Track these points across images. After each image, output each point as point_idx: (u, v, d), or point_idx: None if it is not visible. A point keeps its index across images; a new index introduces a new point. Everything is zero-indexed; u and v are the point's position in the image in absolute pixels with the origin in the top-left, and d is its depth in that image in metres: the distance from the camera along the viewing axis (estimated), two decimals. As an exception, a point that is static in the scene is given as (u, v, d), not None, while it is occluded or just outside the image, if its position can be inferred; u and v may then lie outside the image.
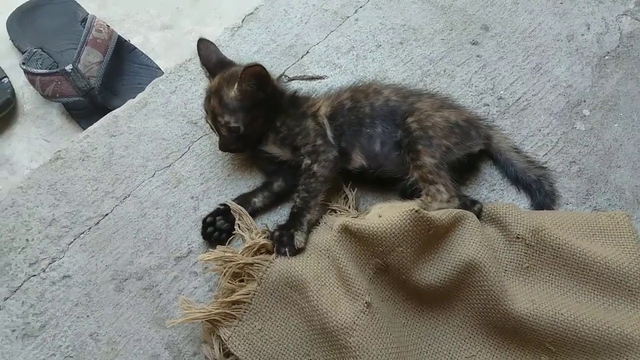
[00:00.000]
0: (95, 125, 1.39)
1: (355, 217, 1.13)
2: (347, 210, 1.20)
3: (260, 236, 1.13)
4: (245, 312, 1.06)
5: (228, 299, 1.06)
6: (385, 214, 1.05)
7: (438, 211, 1.06)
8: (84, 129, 1.73)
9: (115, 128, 1.37)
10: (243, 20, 1.57)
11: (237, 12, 1.96)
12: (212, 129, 1.24)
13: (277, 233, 1.12)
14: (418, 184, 1.14)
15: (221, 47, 1.50)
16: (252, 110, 1.19)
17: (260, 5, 1.58)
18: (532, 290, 1.07)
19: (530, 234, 1.09)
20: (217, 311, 1.05)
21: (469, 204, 1.17)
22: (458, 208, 1.12)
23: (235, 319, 1.06)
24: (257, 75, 1.15)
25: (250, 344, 1.04)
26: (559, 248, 1.08)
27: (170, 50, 1.92)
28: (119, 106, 1.71)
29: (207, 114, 1.24)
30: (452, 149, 1.17)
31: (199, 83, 1.44)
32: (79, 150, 1.34)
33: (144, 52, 1.89)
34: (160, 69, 1.83)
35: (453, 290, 1.06)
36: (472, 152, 1.23)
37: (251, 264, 1.08)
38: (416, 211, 0.99)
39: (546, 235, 1.08)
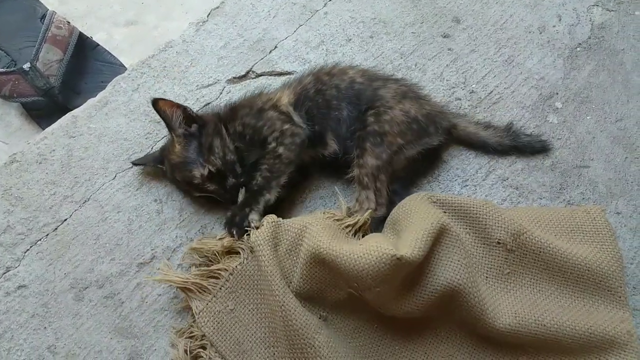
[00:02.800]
0: (53, 126, 1.32)
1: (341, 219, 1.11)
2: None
3: None
4: (220, 288, 1.05)
5: (206, 269, 1.05)
6: (367, 243, 0.99)
7: (418, 246, 0.98)
8: (44, 129, 1.66)
9: (74, 129, 1.31)
10: (209, 14, 1.51)
11: (204, 6, 1.90)
12: (216, 193, 1.16)
13: (229, 213, 1.10)
14: (354, 182, 1.15)
15: (186, 43, 1.46)
16: (205, 141, 1.15)
17: (226, -1, 1.53)
18: (514, 298, 1.04)
19: (511, 238, 1.06)
20: (194, 280, 1.04)
21: None
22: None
23: (210, 294, 1.04)
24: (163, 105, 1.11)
25: (219, 323, 1.03)
26: (540, 252, 1.05)
27: (135, 46, 1.85)
28: (81, 105, 1.65)
29: (198, 191, 1.17)
30: (404, 148, 1.16)
31: (162, 80, 1.39)
32: (35, 153, 1.28)
33: (107, 48, 1.82)
34: (124, 66, 1.77)
35: (433, 311, 1.03)
36: (428, 147, 1.21)
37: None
38: (397, 258, 0.93)
39: (527, 239, 1.05)
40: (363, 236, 1.12)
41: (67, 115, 1.34)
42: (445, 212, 1.11)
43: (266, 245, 1.00)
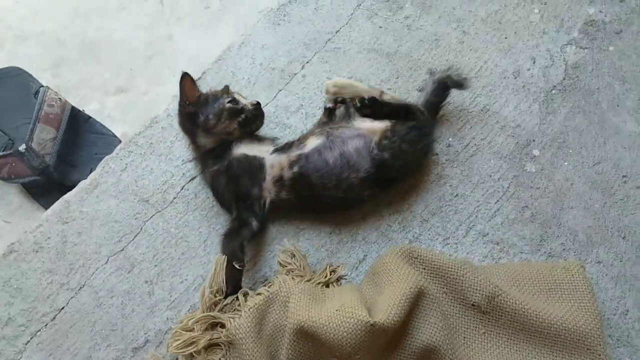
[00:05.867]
0: (47, 212, 1.38)
1: (310, 283, 1.13)
2: (299, 269, 1.19)
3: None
4: None
5: None
6: (343, 307, 1.02)
7: (394, 312, 1.01)
8: (43, 206, 1.74)
9: (67, 214, 1.37)
10: (190, 86, 1.56)
11: (190, 68, 1.97)
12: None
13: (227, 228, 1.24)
14: None
15: (170, 117, 1.51)
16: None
17: (207, 69, 1.58)
18: (491, 358, 1.07)
19: (486, 300, 1.09)
20: None
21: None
22: None
23: None
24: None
25: None
26: (515, 313, 1.07)
27: (126, 114, 1.92)
28: (78, 180, 1.71)
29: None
30: None
31: (149, 157, 1.44)
32: (32, 242, 1.33)
33: (100, 118, 1.89)
34: (116, 136, 1.84)
35: None
36: None
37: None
38: (371, 324, 0.97)
39: (502, 301, 1.08)
40: (338, 280, 1.18)
41: (59, 200, 1.40)
42: (425, 270, 1.14)
43: (248, 336, 1.04)
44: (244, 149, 1.29)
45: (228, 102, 1.29)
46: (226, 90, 1.37)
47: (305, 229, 1.32)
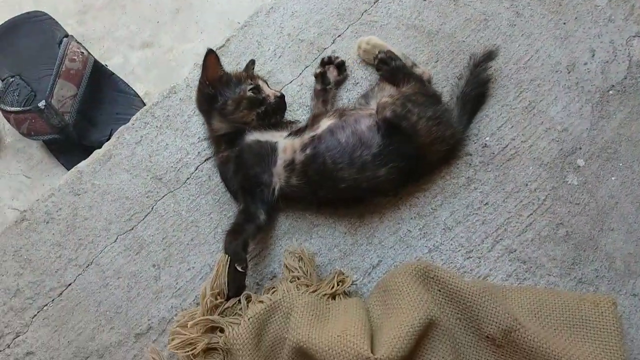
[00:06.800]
0: (60, 182, 1.35)
1: (315, 292, 1.09)
2: (305, 277, 1.14)
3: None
4: None
5: None
6: (345, 334, 0.96)
7: (398, 346, 0.94)
8: (63, 164, 1.72)
9: (79, 185, 1.33)
10: (212, 54, 1.46)
11: (219, 25, 1.86)
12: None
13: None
14: None
15: (189, 88, 1.42)
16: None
17: (232, 35, 1.47)
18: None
19: (502, 334, 1.01)
20: None
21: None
22: None
23: None
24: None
25: None
26: (531, 351, 0.99)
27: (149, 71, 1.84)
28: (97, 140, 1.68)
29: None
30: None
31: (164, 132, 1.37)
32: (43, 212, 1.31)
33: (123, 75, 1.82)
34: (138, 95, 1.77)
35: None
36: None
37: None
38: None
39: (519, 336, 1.00)
40: (345, 293, 1.13)
41: (72, 170, 1.36)
42: (440, 293, 1.07)
43: (245, 347, 1.00)
44: (257, 135, 1.21)
45: (250, 90, 1.20)
46: (251, 73, 1.28)
47: (320, 226, 1.25)
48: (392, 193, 1.25)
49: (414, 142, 1.16)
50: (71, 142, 1.67)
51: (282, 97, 1.24)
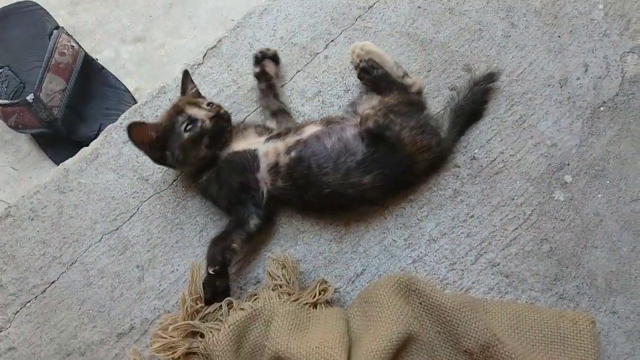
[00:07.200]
0: (46, 179, 1.34)
1: (296, 300, 1.09)
2: (287, 285, 1.14)
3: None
4: None
5: None
6: (323, 346, 0.96)
7: (376, 358, 0.96)
8: (50, 158, 1.70)
9: (65, 183, 1.33)
10: (204, 55, 1.45)
11: (213, 21, 1.85)
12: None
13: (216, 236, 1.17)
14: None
15: (179, 88, 1.41)
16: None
17: (224, 36, 1.46)
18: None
19: (480, 349, 1.01)
20: None
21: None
22: None
23: None
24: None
25: None
26: None
27: (141, 66, 1.82)
28: (86, 135, 1.67)
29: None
30: None
31: (153, 131, 1.36)
32: (28, 208, 1.31)
33: (114, 68, 1.81)
34: (129, 91, 1.76)
35: None
36: None
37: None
38: None
39: (496, 352, 1.00)
40: (327, 302, 1.14)
41: (59, 167, 1.36)
42: (420, 306, 1.07)
43: (225, 353, 1.01)
44: (232, 147, 1.21)
45: (185, 129, 1.15)
46: (176, 106, 1.21)
47: (306, 233, 1.25)
48: (379, 202, 1.25)
49: (400, 151, 1.16)
50: (59, 137, 1.65)
51: (216, 115, 1.18)
